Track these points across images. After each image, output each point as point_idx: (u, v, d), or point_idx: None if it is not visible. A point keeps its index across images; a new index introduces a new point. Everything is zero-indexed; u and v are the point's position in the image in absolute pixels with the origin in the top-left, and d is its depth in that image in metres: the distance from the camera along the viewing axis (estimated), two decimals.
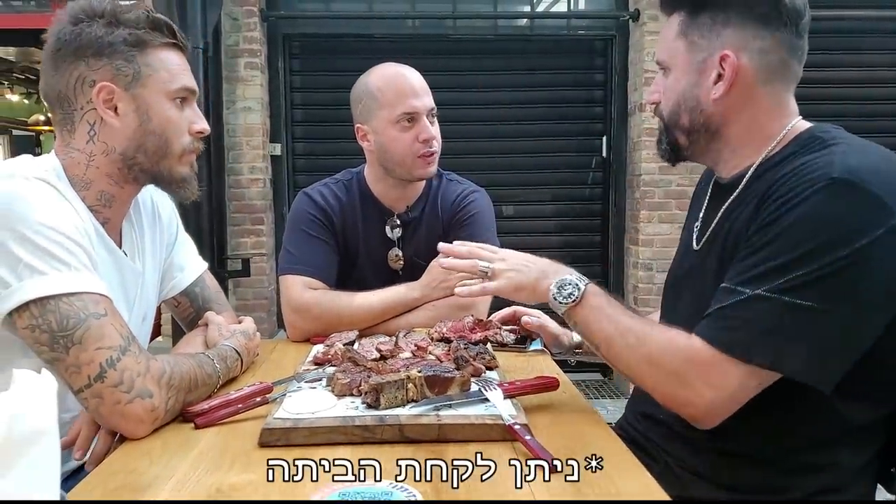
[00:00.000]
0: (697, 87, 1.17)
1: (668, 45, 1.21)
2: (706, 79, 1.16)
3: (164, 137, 1.26)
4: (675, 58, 1.20)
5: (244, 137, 4.27)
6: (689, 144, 1.22)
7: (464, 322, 1.56)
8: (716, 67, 1.14)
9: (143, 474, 0.94)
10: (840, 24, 4.38)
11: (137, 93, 1.23)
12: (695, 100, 1.18)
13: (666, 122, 1.24)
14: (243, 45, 4.23)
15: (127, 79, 1.22)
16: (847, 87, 4.47)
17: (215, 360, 1.25)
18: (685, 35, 1.18)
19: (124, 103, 1.23)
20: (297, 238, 1.81)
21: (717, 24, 1.14)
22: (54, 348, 1.04)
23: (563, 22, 4.76)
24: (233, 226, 4.28)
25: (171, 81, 1.25)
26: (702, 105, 1.17)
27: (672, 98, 1.21)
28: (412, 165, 1.76)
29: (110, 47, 1.20)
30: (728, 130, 1.18)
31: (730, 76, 1.13)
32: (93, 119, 1.23)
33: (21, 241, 1.05)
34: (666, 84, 1.22)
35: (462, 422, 1.04)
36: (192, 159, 1.32)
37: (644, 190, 4.32)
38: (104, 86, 1.21)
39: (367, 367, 1.23)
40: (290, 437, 1.02)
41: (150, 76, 1.23)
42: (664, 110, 1.23)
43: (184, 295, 1.53)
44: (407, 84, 1.75)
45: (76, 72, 1.21)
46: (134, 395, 1.05)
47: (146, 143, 1.25)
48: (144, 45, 1.23)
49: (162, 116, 1.25)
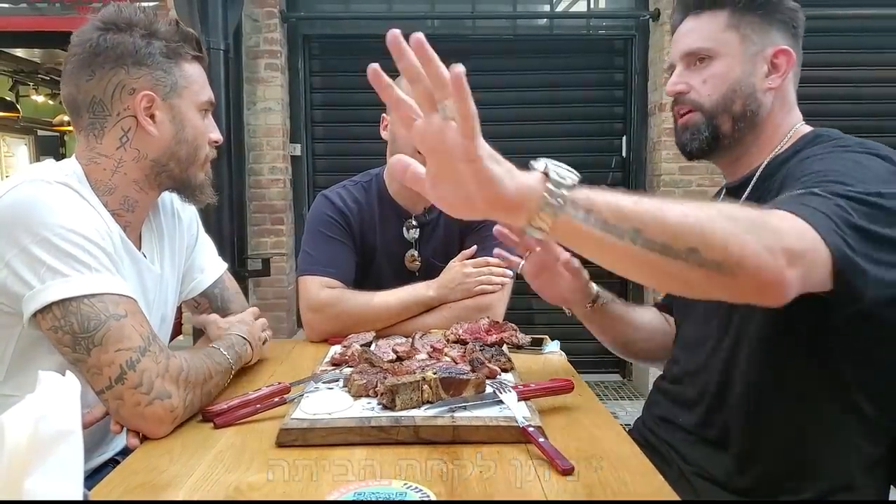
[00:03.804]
0: (753, 76, 1.23)
1: (714, 35, 1.24)
2: (759, 69, 1.23)
3: (194, 146, 1.32)
4: (727, 47, 1.23)
5: (264, 138, 4.30)
6: (733, 133, 1.25)
7: (480, 324, 1.56)
8: (766, 62, 1.22)
9: (162, 473, 0.95)
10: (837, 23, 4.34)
11: (174, 103, 1.28)
12: (751, 87, 1.23)
13: (711, 109, 1.25)
14: (263, 46, 4.26)
15: (165, 89, 1.26)
16: (845, 87, 4.42)
17: (222, 348, 1.28)
18: (737, 28, 1.23)
19: (162, 112, 1.27)
20: (314, 240, 1.82)
21: (765, 24, 1.23)
22: (76, 349, 1.06)
23: (583, 22, 4.75)
24: (253, 226, 4.32)
25: (200, 93, 1.32)
26: (757, 92, 1.23)
27: (724, 84, 1.23)
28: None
29: (150, 58, 1.24)
30: (765, 124, 1.24)
31: (786, 70, 1.22)
32: (128, 126, 1.26)
33: (43, 244, 1.07)
34: (709, 72, 1.24)
35: (476, 423, 1.05)
36: (209, 166, 1.38)
37: (664, 190, 4.30)
38: (146, 94, 1.24)
39: (384, 368, 1.24)
40: (307, 438, 1.03)
41: (186, 88, 1.29)
42: (711, 97, 1.24)
43: (204, 296, 1.56)
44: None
45: (115, 79, 1.23)
46: (153, 397, 1.07)
47: (179, 152, 1.30)
48: (179, 58, 1.28)
49: (194, 126, 1.31)
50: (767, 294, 0.84)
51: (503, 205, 0.77)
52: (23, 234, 1.07)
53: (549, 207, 0.77)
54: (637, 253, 0.79)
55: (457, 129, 0.74)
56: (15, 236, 1.07)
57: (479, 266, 1.74)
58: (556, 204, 0.77)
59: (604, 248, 0.80)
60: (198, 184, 1.35)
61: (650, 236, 0.79)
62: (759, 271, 0.81)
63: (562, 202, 0.77)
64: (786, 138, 1.23)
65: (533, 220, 0.77)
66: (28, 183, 1.14)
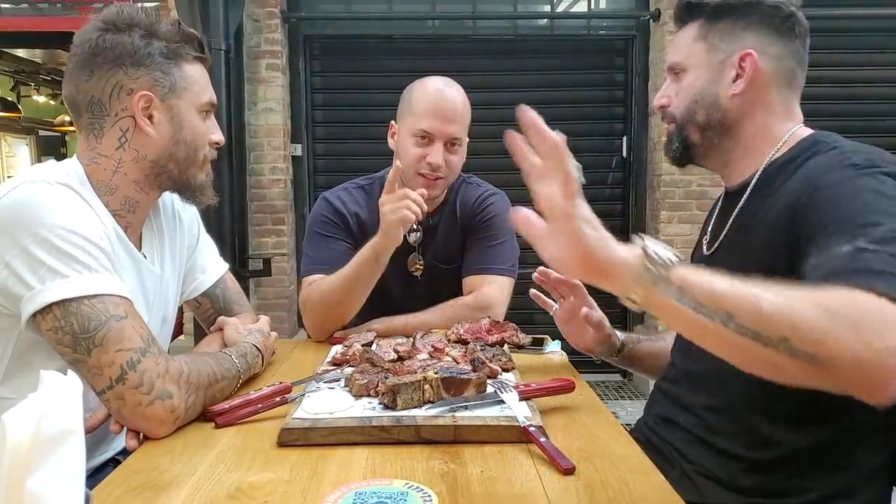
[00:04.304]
0: (716, 84, 1.22)
1: (685, 48, 1.26)
2: (724, 77, 1.21)
3: (192, 146, 1.31)
4: (692, 58, 1.25)
5: (265, 138, 4.31)
6: (702, 142, 1.26)
7: (481, 324, 1.57)
8: (734, 67, 1.20)
9: (164, 472, 0.95)
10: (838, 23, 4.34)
11: (173, 103, 1.27)
12: (713, 96, 1.22)
13: (679, 121, 1.27)
14: (265, 46, 4.27)
15: (164, 90, 1.25)
16: (844, 88, 4.42)
17: (234, 356, 1.28)
18: (705, 38, 1.23)
19: (160, 113, 1.26)
20: (313, 241, 1.83)
21: (738, 29, 1.21)
22: (76, 350, 1.06)
23: (584, 22, 4.75)
24: (254, 226, 4.32)
25: (200, 94, 1.31)
26: (720, 101, 1.22)
27: (689, 95, 1.25)
28: (411, 179, 1.75)
29: (149, 58, 1.24)
30: (741, 129, 1.23)
31: (749, 73, 1.19)
32: (126, 126, 1.25)
33: (43, 245, 1.07)
34: (680, 85, 1.26)
35: (478, 423, 1.05)
36: (209, 167, 1.37)
37: (664, 190, 4.30)
38: (144, 94, 1.24)
39: (385, 368, 1.24)
40: (308, 437, 1.03)
41: (185, 89, 1.28)
42: (678, 108, 1.27)
43: (205, 296, 1.56)
44: (440, 105, 1.73)
45: (114, 79, 1.23)
46: (154, 397, 1.07)
47: (177, 152, 1.29)
48: (179, 59, 1.27)
49: (192, 127, 1.30)
50: (869, 393, 0.81)
51: (596, 270, 0.82)
52: (23, 235, 1.07)
53: (643, 284, 0.80)
54: (728, 336, 0.80)
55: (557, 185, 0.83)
56: (15, 237, 1.07)
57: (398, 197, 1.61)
58: (650, 281, 0.80)
59: (695, 327, 0.82)
60: (198, 185, 1.35)
61: (742, 322, 0.79)
62: (859, 370, 0.78)
63: (656, 280, 0.80)
64: (781, 142, 1.20)
65: (626, 292, 0.81)
66: (28, 183, 1.14)
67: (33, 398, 0.58)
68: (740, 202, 1.22)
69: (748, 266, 1.12)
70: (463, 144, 1.79)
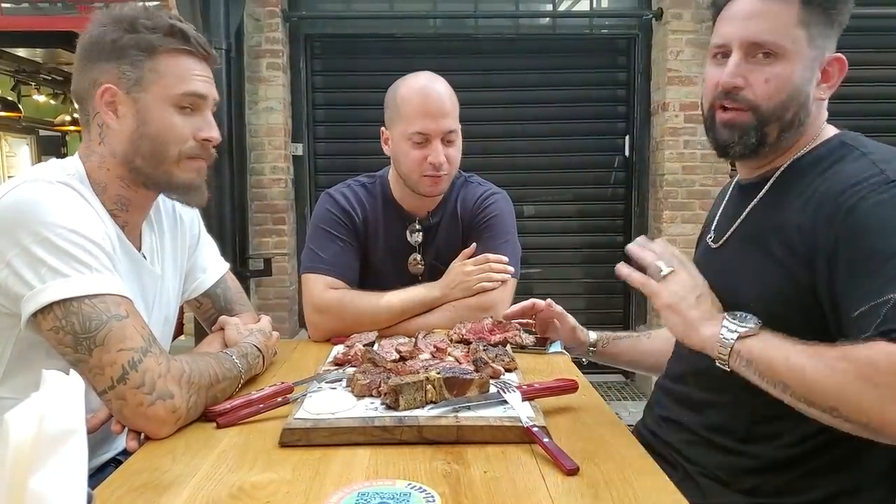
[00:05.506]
0: (809, 84, 1.13)
1: (786, 30, 1.10)
2: (815, 77, 1.13)
3: (159, 142, 1.24)
4: (795, 45, 1.10)
5: (266, 137, 4.30)
6: (776, 141, 1.15)
7: (483, 324, 1.56)
8: (820, 68, 1.13)
9: (165, 472, 0.95)
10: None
11: (138, 97, 1.23)
12: (806, 96, 1.13)
13: (765, 113, 1.13)
14: (265, 45, 4.26)
15: (129, 82, 1.23)
16: (844, 87, 4.40)
17: (235, 356, 1.27)
18: (807, 26, 1.10)
19: (124, 106, 1.24)
20: (320, 238, 1.82)
21: (834, 25, 1.13)
22: (78, 350, 1.06)
23: (586, 21, 4.74)
24: (255, 225, 4.32)
25: (174, 86, 1.24)
26: (809, 103, 1.13)
27: (785, 89, 1.12)
28: (417, 182, 1.76)
29: (119, 51, 1.22)
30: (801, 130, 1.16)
31: (837, 79, 1.14)
32: (101, 121, 1.25)
33: (43, 244, 1.07)
34: (773, 72, 1.11)
35: (480, 423, 1.04)
36: (198, 166, 1.30)
37: (667, 190, 4.29)
38: (106, 88, 1.22)
39: (387, 368, 1.24)
40: (310, 438, 1.03)
41: (155, 81, 1.23)
42: (767, 99, 1.12)
43: (206, 296, 1.55)
44: (427, 103, 1.72)
45: (90, 74, 1.23)
46: (156, 397, 1.06)
47: (142, 147, 1.24)
48: (154, 51, 1.23)
49: (160, 121, 1.24)
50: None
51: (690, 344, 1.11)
52: (24, 234, 1.07)
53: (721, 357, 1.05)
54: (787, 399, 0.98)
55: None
56: (16, 236, 1.07)
57: (478, 264, 1.75)
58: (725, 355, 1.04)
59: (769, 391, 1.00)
60: (179, 184, 1.28)
61: (796, 393, 0.96)
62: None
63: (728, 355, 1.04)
64: (810, 140, 1.16)
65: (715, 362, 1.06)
66: (29, 183, 1.14)
67: (36, 398, 0.58)
68: (757, 196, 1.19)
69: (760, 265, 1.12)
70: (458, 135, 1.79)
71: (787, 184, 1.15)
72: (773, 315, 1.07)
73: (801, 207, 1.09)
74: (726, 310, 1.11)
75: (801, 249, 1.06)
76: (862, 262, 0.97)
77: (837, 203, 1.02)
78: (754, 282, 1.13)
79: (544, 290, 4.06)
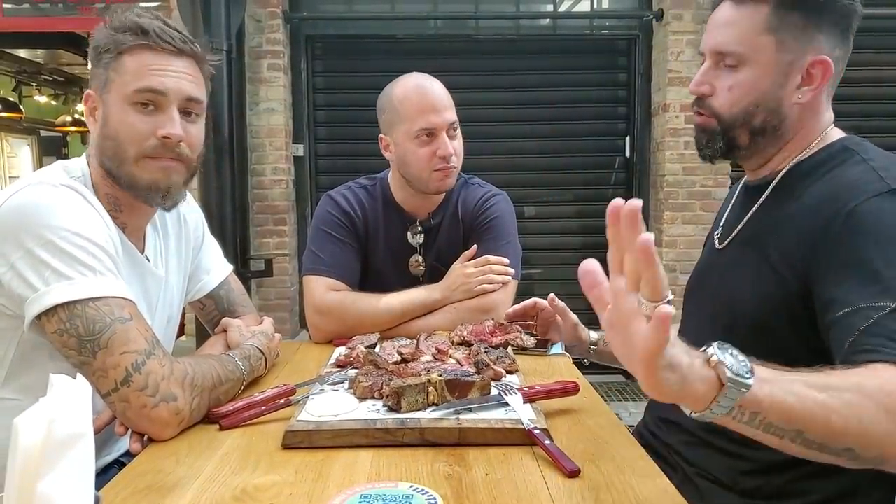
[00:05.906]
0: (781, 89, 1.13)
1: (749, 38, 1.12)
2: (790, 81, 1.13)
3: (117, 141, 1.22)
4: (758, 53, 1.12)
5: (267, 138, 4.31)
6: (750, 145, 1.17)
7: (484, 326, 1.57)
8: (801, 71, 1.12)
9: (169, 474, 0.96)
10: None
11: (105, 98, 1.23)
12: (776, 101, 1.13)
13: (728, 120, 1.16)
14: (266, 46, 4.27)
15: (102, 85, 1.24)
16: (844, 87, 4.40)
17: (237, 358, 1.28)
18: (774, 31, 1.11)
19: (99, 108, 1.25)
20: (321, 239, 1.83)
21: (811, 27, 1.11)
22: (82, 352, 1.06)
23: (586, 22, 4.74)
24: (256, 226, 4.32)
25: (130, 84, 1.20)
26: (782, 107, 1.14)
27: (748, 96, 1.14)
28: (429, 179, 1.77)
29: (96, 56, 1.24)
30: (790, 134, 1.16)
31: (820, 83, 1.12)
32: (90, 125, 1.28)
33: (47, 247, 1.08)
34: (737, 80, 1.14)
35: (482, 426, 1.05)
36: (162, 165, 1.24)
37: (668, 191, 4.30)
38: (88, 94, 1.26)
39: (389, 370, 1.24)
40: (312, 440, 1.03)
41: (114, 81, 1.21)
42: (730, 107, 1.16)
43: (209, 297, 1.56)
44: (427, 98, 1.73)
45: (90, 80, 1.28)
46: (159, 399, 1.07)
47: (106, 148, 1.23)
48: (115, 51, 1.21)
49: (116, 121, 1.22)
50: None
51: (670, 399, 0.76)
52: (27, 237, 1.08)
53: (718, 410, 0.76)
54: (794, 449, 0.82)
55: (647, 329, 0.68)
56: (20, 239, 1.08)
57: (479, 265, 1.75)
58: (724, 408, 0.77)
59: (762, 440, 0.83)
60: (142, 184, 1.23)
61: (811, 437, 0.81)
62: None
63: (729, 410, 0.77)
64: (813, 143, 1.16)
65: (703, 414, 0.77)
66: (33, 186, 1.14)
67: (44, 402, 0.58)
68: (760, 199, 1.19)
69: (756, 269, 1.13)
70: (458, 127, 1.81)
71: (789, 187, 1.16)
72: (761, 321, 1.07)
73: (800, 211, 1.09)
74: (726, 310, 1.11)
75: (797, 254, 1.06)
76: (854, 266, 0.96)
77: (835, 208, 1.02)
78: (749, 286, 1.14)
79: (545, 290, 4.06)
